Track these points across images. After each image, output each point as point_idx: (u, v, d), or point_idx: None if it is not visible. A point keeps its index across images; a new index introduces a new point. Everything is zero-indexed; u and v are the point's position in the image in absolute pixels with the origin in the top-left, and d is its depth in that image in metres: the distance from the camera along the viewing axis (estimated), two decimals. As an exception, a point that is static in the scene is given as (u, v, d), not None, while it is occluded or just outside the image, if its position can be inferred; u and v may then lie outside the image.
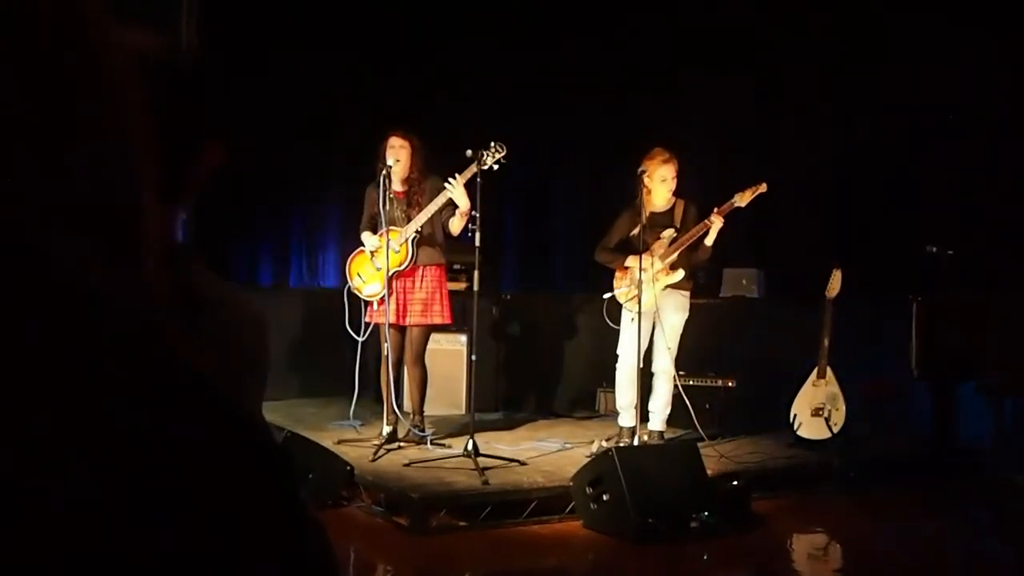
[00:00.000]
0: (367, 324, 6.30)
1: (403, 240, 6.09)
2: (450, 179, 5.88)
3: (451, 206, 5.99)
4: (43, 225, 0.42)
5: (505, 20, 8.59)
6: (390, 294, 6.11)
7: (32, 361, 0.39)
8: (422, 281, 6.19)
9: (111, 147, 0.47)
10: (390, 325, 6.12)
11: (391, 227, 6.08)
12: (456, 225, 6.03)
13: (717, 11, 8.09)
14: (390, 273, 6.07)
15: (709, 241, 6.17)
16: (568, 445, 6.50)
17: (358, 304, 6.35)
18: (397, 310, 6.16)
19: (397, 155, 6.06)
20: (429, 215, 6.04)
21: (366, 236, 6.24)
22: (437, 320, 6.27)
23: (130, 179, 0.48)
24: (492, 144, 5.81)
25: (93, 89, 0.47)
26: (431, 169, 6.14)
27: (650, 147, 6.29)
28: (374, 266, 6.20)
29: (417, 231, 6.09)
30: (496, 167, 5.81)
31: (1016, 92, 7.09)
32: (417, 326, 6.24)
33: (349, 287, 6.32)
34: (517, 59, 8.47)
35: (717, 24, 8.05)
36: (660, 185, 6.22)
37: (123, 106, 0.48)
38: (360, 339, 6.28)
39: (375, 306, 6.22)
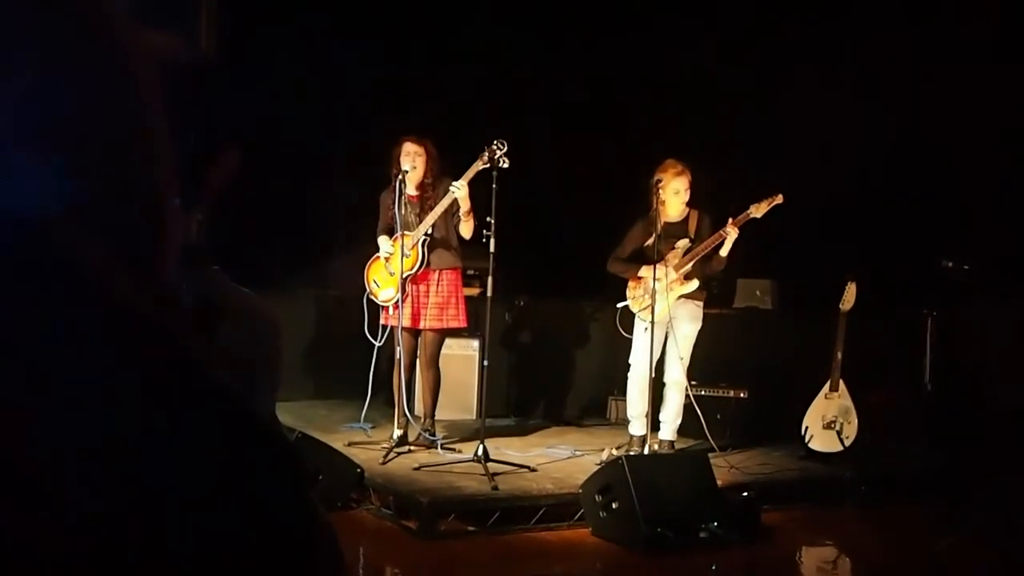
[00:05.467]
0: (383, 327, 6.31)
1: (413, 243, 6.11)
2: (456, 183, 5.91)
3: (459, 209, 6.02)
4: (69, 227, 0.42)
5: (517, 25, 8.60)
6: (404, 298, 6.13)
7: (51, 360, 0.39)
8: (437, 285, 6.21)
9: (137, 151, 0.48)
10: (404, 329, 6.13)
11: (405, 231, 6.11)
12: (465, 228, 6.06)
13: (730, 18, 8.08)
14: (406, 277, 6.09)
15: (724, 252, 6.16)
16: (578, 452, 6.49)
17: (376, 309, 6.37)
18: (413, 314, 6.18)
19: (413, 161, 6.08)
20: (436, 217, 6.06)
21: (382, 240, 6.27)
22: (453, 324, 6.29)
23: (154, 183, 0.48)
24: (493, 142, 5.81)
25: (120, 93, 0.47)
26: (445, 173, 6.17)
27: (663, 157, 6.29)
28: (388, 271, 6.22)
29: (427, 234, 6.11)
30: (500, 165, 5.77)
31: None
32: (432, 330, 6.25)
33: (367, 293, 6.35)
34: (528, 64, 8.47)
35: (730, 32, 8.04)
36: (673, 197, 6.23)
37: (148, 110, 0.49)
38: (377, 344, 6.29)
39: (390, 310, 6.24)
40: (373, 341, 6.29)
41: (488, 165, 5.79)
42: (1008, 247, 7.05)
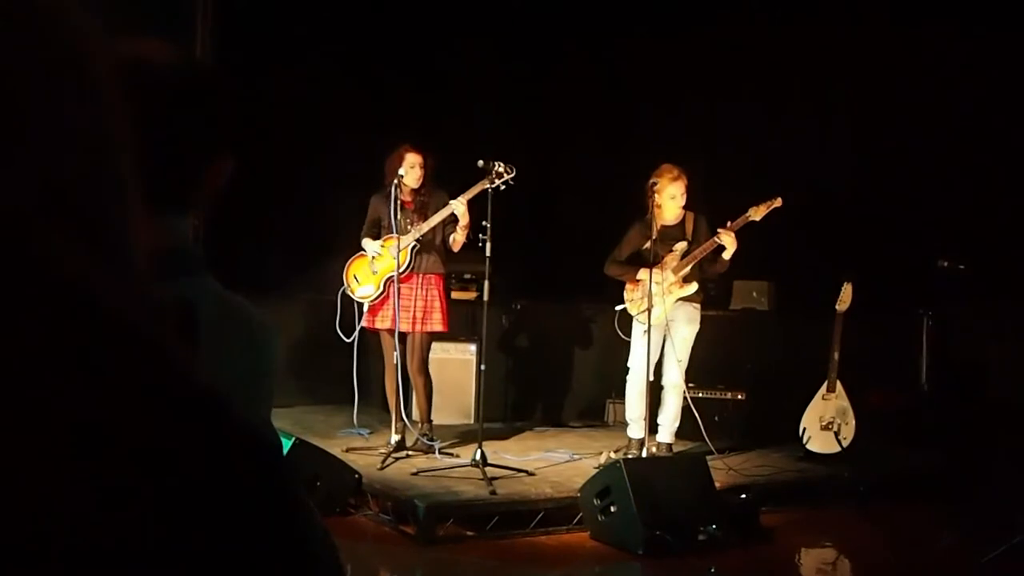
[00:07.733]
0: (362, 328, 6.33)
1: (403, 247, 6.13)
2: (458, 198, 5.95)
3: (454, 221, 6.06)
4: (40, 231, 0.42)
5: (514, 32, 8.61)
6: (387, 299, 6.16)
7: (28, 368, 0.39)
8: (420, 289, 6.24)
9: (94, 152, 0.47)
10: (390, 332, 6.16)
11: (398, 235, 6.13)
12: (457, 240, 6.10)
13: (725, 25, 8.10)
14: (390, 277, 6.12)
15: (727, 255, 6.14)
16: (576, 456, 6.49)
17: (351, 307, 6.38)
18: (394, 316, 6.20)
19: (413, 171, 6.11)
20: (431, 226, 6.10)
21: (367, 242, 6.30)
22: (437, 328, 6.31)
23: (115, 186, 0.48)
24: (503, 165, 5.86)
25: (74, 94, 0.47)
26: (438, 182, 6.22)
27: (660, 160, 6.29)
28: (371, 270, 6.26)
29: (418, 240, 6.14)
30: (503, 187, 5.87)
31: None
32: (417, 334, 6.27)
33: (343, 290, 6.36)
34: (526, 70, 8.48)
35: (725, 36, 8.05)
36: (670, 202, 6.22)
37: (107, 112, 0.48)
38: (348, 340, 6.32)
39: (365, 306, 6.27)
40: (344, 339, 6.31)
41: (493, 186, 5.84)
42: (1004, 246, 7.06)
